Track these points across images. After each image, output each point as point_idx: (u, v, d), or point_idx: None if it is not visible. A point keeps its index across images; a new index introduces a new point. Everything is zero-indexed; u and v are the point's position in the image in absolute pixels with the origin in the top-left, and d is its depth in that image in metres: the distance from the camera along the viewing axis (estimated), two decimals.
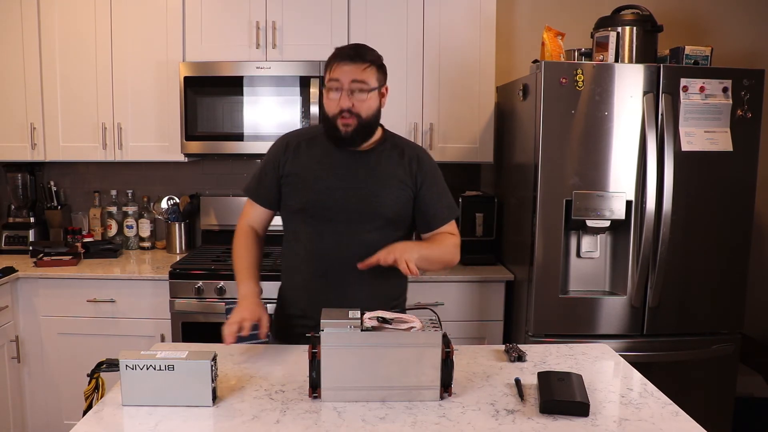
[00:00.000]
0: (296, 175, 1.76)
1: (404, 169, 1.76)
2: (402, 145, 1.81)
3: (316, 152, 1.76)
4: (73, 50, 2.97)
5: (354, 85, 1.65)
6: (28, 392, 2.83)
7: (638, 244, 2.49)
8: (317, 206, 1.73)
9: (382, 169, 1.75)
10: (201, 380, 1.33)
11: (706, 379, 2.62)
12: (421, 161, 1.79)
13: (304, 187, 1.74)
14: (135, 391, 1.33)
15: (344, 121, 1.66)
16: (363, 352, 1.36)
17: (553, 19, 3.11)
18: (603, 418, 1.31)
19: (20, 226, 3.22)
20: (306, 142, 1.79)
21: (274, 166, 1.79)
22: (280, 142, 1.83)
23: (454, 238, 1.82)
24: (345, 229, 1.72)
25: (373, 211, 1.73)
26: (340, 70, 1.65)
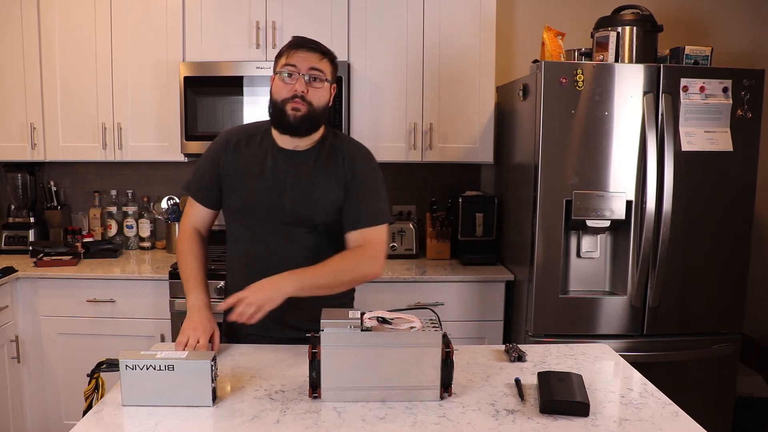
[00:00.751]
0: (234, 174, 1.73)
1: (339, 170, 1.70)
2: (341, 145, 1.74)
3: (255, 151, 1.73)
4: (73, 50, 2.97)
5: (312, 72, 1.63)
6: (28, 392, 2.83)
7: (638, 244, 2.49)
8: (253, 207, 1.71)
9: (317, 171, 1.70)
10: (201, 380, 1.33)
11: (706, 379, 2.62)
12: (355, 161, 1.72)
13: (241, 188, 1.72)
14: (135, 391, 1.33)
15: (294, 105, 1.62)
16: (363, 352, 1.35)
17: (553, 19, 3.11)
18: (603, 418, 1.31)
19: (20, 226, 3.22)
20: (246, 140, 1.75)
21: (214, 164, 1.76)
22: (221, 139, 1.79)
23: (369, 249, 1.66)
24: (281, 231, 1.70)
25: (308, 214, 1.69)
26: (298, 56, 1.63)
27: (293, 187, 1.69)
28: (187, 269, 1.75)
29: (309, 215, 1.69)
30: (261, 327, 1.60)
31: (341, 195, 1.70)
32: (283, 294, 1.51)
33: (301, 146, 1.71)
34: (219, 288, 2.70)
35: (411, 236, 3.12)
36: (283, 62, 1.65)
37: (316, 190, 1.69)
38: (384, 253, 1.70)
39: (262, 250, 1.72)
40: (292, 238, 1.71)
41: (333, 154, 1.72)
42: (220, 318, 1.67)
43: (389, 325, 1.39)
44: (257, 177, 1.71)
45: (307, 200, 1.69)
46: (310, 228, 1.71)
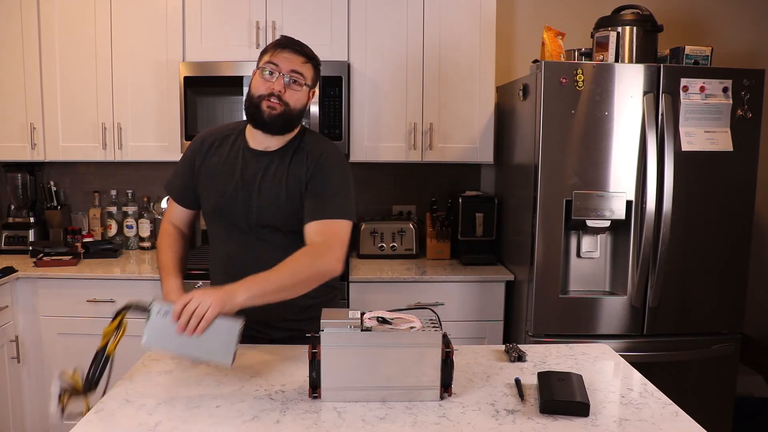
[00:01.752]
0: (207, 175, 1.75)
1: (302, 170, 1.69)
2: (306, 145, 1.72)
3: (227, 152, 1.75)
4: (73, 50, 2.97)
5: (292, 75, 1.63)
6: (28, 392, 2.83)
7: (638, 244, 2.49)
8: (224, 209, 1.72)
9: (283, 173, 1.69)
10: (228, 339, 1.37)
11: (707, 379, 2.62)
12: (319, 159, 1.69)
13: (213, 189, 1.74)
14: (160, 335, 1.37)
15: (270, 103, 1.62)
16: (363, 352, 1.35)
17: (553, 19, 3.11)
18: (603, 419, 1.31)
19: (20, 226, 3.22)
20: (220, 140, 1.77)
21: (189, 165, 1.78)
22: (197, 140, 1.81)
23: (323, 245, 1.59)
24: (253, 232, 1.71)
25: (274, 215, 1.69)
26: (281, 56, 1.63)
27: (260, 188, 1.70)
28: (163, 260, 1.75)
29: (275, 216, 1.70)
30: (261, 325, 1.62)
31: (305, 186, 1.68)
32: (232, 305, 1.39)
33: (272, 147, 1.72)
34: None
35: (411, 236, 3.12)
36: (266, 59, 1.66)
37: (281, 191, 1.69)
38: (343, 249, 1.61)
39: (237, 250, 1.74)
40: (264, 238, 1.72)
41: (298, 154, 1.71)
42: None
43: (389, 325, 1.39)
44: (228, 178, 1.72)
45: (273, 202, 1.69)
46: (279, 229, 1.71)
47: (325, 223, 1.63)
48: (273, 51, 1.65)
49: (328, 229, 1.62)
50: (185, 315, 1.36)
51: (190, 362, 1.60)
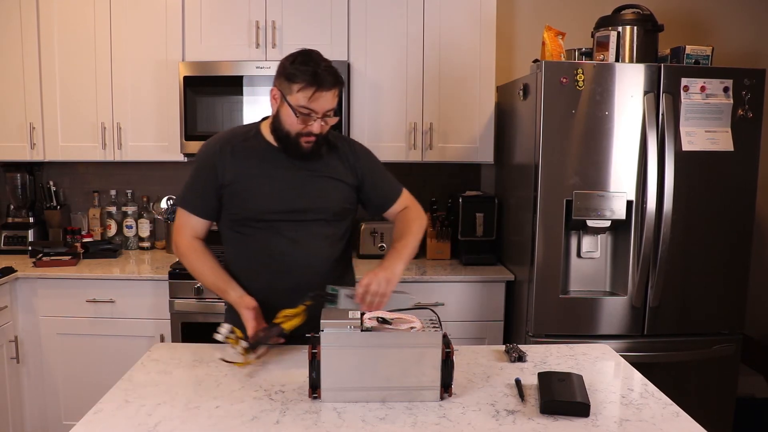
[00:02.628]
0: (238, 183, 1.72)
1: (343, 163, 1.79)
2: (334, 140, 1.81)
3: (254, 156, 1.73)
4: (72, 50, 2.97)
5: (327, 113, 1.65)
6: (27, 393, 2.83)
7: (639, 244, 2.49)
8: (265, 211, 1.72)
9: (323, 166, 1.76)
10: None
11: (707, 379, 2.61)
12: (357, 153, 1.83)
13: (248, 196, 1.72)
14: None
15: (308, 139, 1.66)
16: (363, 353, 1.35)
17: (553, 18, 3.11)
18: (603, 419, 1.31)
19: (19, 226, 3.22)
20: (241, 145, 1.74)
21: (211, 175, 1.73)
22: (214, 149, 1.74)
23: (412, 211, 1.88)
24: (294, 227, 1.73)
25: (320, 208, 1.74)
26: (319, 102, 1.61)
27: (306, 184, 1.73)
28: (211, 277, 1.75)
29: (320, 210, 1.75)
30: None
31: (348, 187, 1.80)
32: (398, 274, 1.61)
33: None
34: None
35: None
36: (302, 101, 1.61)
37: (325, 185, 1.75)
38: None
39: (286, 247, 1.73)
40: (311, 231, 1.74)
41: (333, 148, 1.79)
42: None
43: (389, 325, 1.38)
44: (265, 183, 1.72)
45: (317, 197, 1.74)
46: (321, 221, 1.75)
47: (403, 196, 1.90)
48: (309, 92, 1.60)
49: (406, 199, 1.91)
50: (370, 295, 1.53)
51: (190, 363, 1.60)
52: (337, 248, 1.80)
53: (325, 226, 1.77)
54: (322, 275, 1.73)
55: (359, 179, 1.82)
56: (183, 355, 1.66)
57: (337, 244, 1.80)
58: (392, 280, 1.57)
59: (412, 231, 1.79)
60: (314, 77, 1.60)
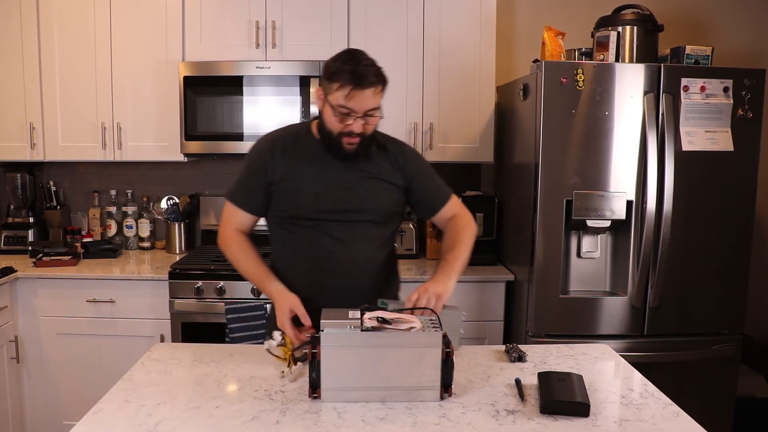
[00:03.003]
0: (286, 181, 1.72)
1: (391, 165, 1.78)
2: (384, 141, 1.81)
3: (304, 156, 1.74)
4: (73, 50, 2.97)
5: (368, 112, 1.64)
6: (27, 393, 2.83)
7: (639, 244, 2.49)
8: (312, 210, 1.71)
9: (371, 168, 1.75)
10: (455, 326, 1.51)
11: (707, 379, 2.61)
12: (406, 155, 1.82)
13: (297, 194, 1.72)
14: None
15: (350, 140, 1.65)
16: (363, 353, 1.35)
17: (553, 18, 3.11)
18: (603, 419, 1.31)
19: (19, 226, 3.22)
20: (291, 145, 1.75)
21: (261, 172, 1.74)
22: (265, 146, 1.77)
23: (465, 216, 1.85)
24: (342, 228, 1.72)
25: (369, 209, 1.74)
26: (357, 100, 1.59)
27: (355, 185, 1.73)
28: (251, 267, 1.76)
29: (368, 212, 1.74)
30: None
31: (397, 189, 1.79)
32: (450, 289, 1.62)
33: None
34: (219, 288, 2.70)
35: (411, 236, 3.11)
36: (341, 100, 1.59)
37: (374, 187, 1.75)
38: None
39: (334, 248, 1.72)
40: (357, 233, 1.74)
41: (382, 149, 1.79)
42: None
43: (389, 325, 1.38)
44: (317, 181, 1.72)
45: (366, 199, 1.74)
46: (369, 223, 1.75)
47: (451, 202, 1.87)
48: (348, 89, 1.58)
49: (455, 204, 1.88)
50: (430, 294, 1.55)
51: (190, 363, 1.60)
52: (384, 250, 1.80)
53: (372, 227, 1.76)
54: (367, 277, 1.75)
55: (408, 181, 1.80)
56: (183, 355, 1.66)
57: (383, 246, 1.80)
58: (443, 296, 1.57)
59: (463, 240, 1.77)
60: (352, 75, 1.59)
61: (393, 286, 1.90)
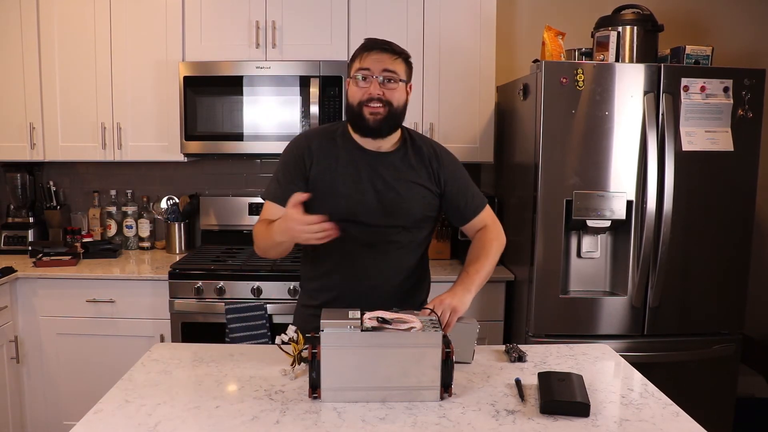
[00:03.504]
0: (321, 180, 1.70)
1: (426, 168, 1.75)
2: (419, 143, 1.79)
3: (340, 156, 1.72)
4: (72, 50, 2.97)
5: (386, 74, 1.63)
6: (27, 393, 2.83)
7: (639, 244, 2.49)
8: (345, 212, 1.68)
9: (406, 171, 1.73)
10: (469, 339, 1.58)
11: (707, 379, 2.61)
12: (440, 158, 1.78)
13: (331, 194, 1.70)
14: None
15: (372, 109, 1.63)
16: (363, 353, 1.35)
17: (553, 18, 3.11)
18: (603, 419, 1.31)
19: (19, 226, 3.22)
20: (327, 143, 1.74)
21: (300, 169, 1.72)
22: (302, 144, 1.75)
23: (495, 227, 1.82)
24: (372, 231, 1.70)
25: (402, 213, 1.71)
26: (371, 58, 1.63)
27: (385, 190, 1.70)
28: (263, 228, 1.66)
29: (401, 216, 1.71)
30: None
31: (432, 193, 1.76)
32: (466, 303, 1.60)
33: (384, 147, 1.73)
34: (219, 288, 2.70)
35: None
36: (356, 66, 1.66)
37: (408, 191, 1.72)
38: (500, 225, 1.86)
39: (365, 252, 1.70)
40: (391, 238, 1.72)
41: (418, 151, 1.76)
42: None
43: (389, 325, 1.38)
44: (351, 181, 1.70)
45: (400, 202, 1.71)
46: (401, 227, 1.73)
47: (484, 212, 1.83)
48: (361, 56, 1.65)
49: (486, 215, 1.84)
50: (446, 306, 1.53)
51: (190, 363, 1.60)
52: (414, 256, 1.78)
53: (403, 233, 1.73)
54: (396, 281, 1.73)
55: (441, 186, 1.77)
56: (183, 355, 1.66)
57: (414, 252, 1.77)
58: (459, 310, 1.56)
59: (489, 254, 1.74)
60: (366, 43, 1.67)
61: (423, 289, 1.88)
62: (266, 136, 2.90)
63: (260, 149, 2.92)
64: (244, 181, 3.39)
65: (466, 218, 1.82)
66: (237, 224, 3.27)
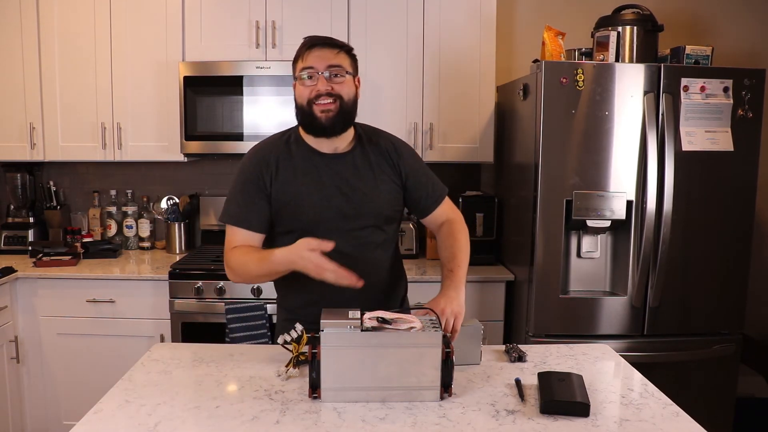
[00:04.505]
0: (284, 193, 1.66)
1: (386, 162, 1.73)
2: (375, 138, 1.76)
3: (298, 163, 1.67)
4: (73, 50, 2.97)
5: (331, 70, 1.60)
6: (27, 393, 2.83)
7: (639, 244, 2.49)
8: (315, 221, 1.66)
9: (368, 169, 1.70)
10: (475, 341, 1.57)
11: (707, 379, 2.61)
12: (399, 150, 1.76)
13: (298, 205, 1.66)
14: None
15: (323, 106, 1.59)
16: (363, 353, 1.35)
17: (553, 18, 3.11)
18: (603, 419, 1.31)
19: (19, 226, 3.22)
20: (283, 154, 1.68)
21: (259, 187, 1.66)
22: (255, 160, 1.69)
23: (458, 221, 1.80)
24: (346, 235, 1.66)
25: (371, 212, 1.69)
26: (314, 56, 1.60)
27: (354, 190, 1.67)
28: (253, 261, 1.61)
29: (369, 214, 1.69)
30: None
31: (395, 187, 1.74)
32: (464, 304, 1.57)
33: (341, 147, 1.69)
34: (219, 288, 2.70)
35: (411, 236, 3.11)
36: (300, 66, 1.62)
37: (373, 189, 1.70)
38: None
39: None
40: (361, 239, 1.69)
41: (375, 147, 1.74)
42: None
43: (389, 325, 1.38)
44: (315, 189, 1.66)
45: (371, 199, 1.69)
46: (375, 225, 1.71)
47: (445, 203, 1.82)
48: (303, 55, 1.62)
49: (447, 207, 1.82)
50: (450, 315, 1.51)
51: (190, 363, 1.60)
52: (389, 254, 1.77)
53: (377, 232, 1.71)
54: (375, 282, 1.69)
55: (403, 179, 1.75)
56: (183, 355, 1.66)
57: (388, 250, 1.77)
58: (460, 314, 1.53)
59: (461, 248, 1.72)
60: (306, 41, 1.64)
61: (401, 286, 1.87)
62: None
63: None
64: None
65: (427, 210, 1.80)
66: None
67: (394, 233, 1.81)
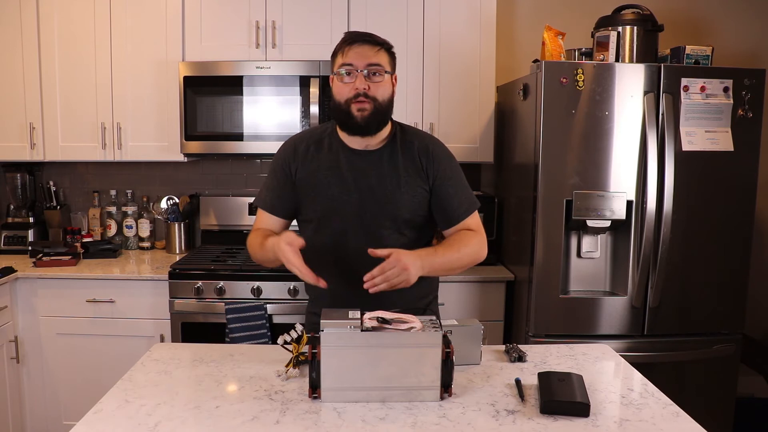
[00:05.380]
0: (307, 182, 1.68)
1: (416, 164, 1.69)
2: (411, 137, 1.72)
3: (325, 156, 1.69)
4: (72, 49, 2.97)
5: (370, 68, 1.59)
6: (27, 393, 2.83)
7: (639, 244, 2.49)
8: (336, 213, 1.66)
9: (394, 169, 1.67)
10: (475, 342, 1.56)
11: (707, 379, 2.61)
12: (432, 154, 1.70)
13: (317, 195, 1.68)
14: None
15: (359, 105, 1.58)
16: (363, 353, 1.35)
17: (553, 18, 3.11)
18: (603, 419, 1.31)
19: (19, 226, 3.22)
20: (314, 145, 1.70)
21: (286, 173, 1.71)
22: (288, 147, 1.73)
23: (476, 235, 1.71)
24: (363, 233, 1.66)
25: (390, 213, 1.67)
26: (354, 52, 1.59)
27: (374, 188, 1.66)
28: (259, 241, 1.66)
29: (389, 215, 1.67)
30: None
31: (422, 191, 1.69)
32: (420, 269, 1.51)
33: (372, 145, 1.69)
34: (219, 288, 2.70)
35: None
36: (339, 61, 1.61)
37: (396, 189, 1.67)
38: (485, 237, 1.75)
39: (351, 255, 1.65)
40: (379, 239, 1.65)
41: (407, 148, 1.70)
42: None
43: (389, 325, 1.38)
44: (336, 182, 1.67)
45: (391, 200, 1.66)
46: (391, 228, 1.68)
47: (471, 218, 1.73)
48: (342, 50, 1.61)
49: (473, 222, 1.73)
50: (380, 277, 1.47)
51: (190, 363, 1.60)
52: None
53: (394, 235, 1.68)
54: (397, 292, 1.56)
55: (430, 184, 1.69)
56: (183, 355, 1.66)
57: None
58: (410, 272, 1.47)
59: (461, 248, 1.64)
60: (347, 36, 1.63)
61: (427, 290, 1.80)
62: (266, 136, 2.89)
63: (260, 149, 2.92)
64: (244, 181, 3.39)
65: (451, 223, 1.72)
66: (237, 224, 3.27)
67: (418, 239, 1.73)
